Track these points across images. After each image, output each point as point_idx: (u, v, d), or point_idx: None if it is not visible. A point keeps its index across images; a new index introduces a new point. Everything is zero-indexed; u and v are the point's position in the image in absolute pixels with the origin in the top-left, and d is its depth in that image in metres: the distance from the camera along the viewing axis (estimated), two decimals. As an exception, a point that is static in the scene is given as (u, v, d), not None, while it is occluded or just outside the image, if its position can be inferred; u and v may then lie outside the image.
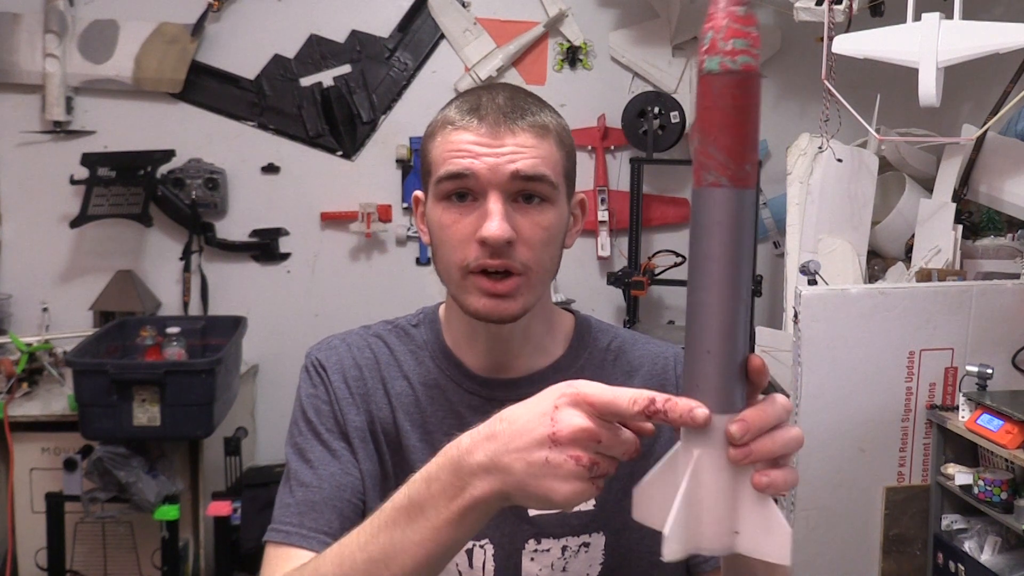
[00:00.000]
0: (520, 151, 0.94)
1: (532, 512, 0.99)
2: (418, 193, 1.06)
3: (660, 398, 0.68)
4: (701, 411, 0.67)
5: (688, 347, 0.69)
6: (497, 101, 0.97)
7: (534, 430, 0.71)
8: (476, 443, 0.74)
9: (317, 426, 1.01)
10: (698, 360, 0.68)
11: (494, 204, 0.93)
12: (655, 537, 0.78)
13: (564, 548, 1.00)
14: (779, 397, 0.71)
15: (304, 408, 1.03)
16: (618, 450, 0.72)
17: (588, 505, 1.00)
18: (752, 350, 0.71)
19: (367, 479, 0.99)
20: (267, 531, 0.99)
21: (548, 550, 0.99)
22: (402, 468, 0.99)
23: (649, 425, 0.72)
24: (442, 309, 1.10)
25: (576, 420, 0.70)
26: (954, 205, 2.71)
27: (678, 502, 0.68)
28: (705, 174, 0.66)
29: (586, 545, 1.00)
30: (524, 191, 0.95)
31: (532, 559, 0.99)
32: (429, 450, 0.98)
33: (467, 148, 0.94)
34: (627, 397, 0.69)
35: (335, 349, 1.06)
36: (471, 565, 0.99)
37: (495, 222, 0.92)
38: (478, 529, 0.76)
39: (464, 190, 0.95)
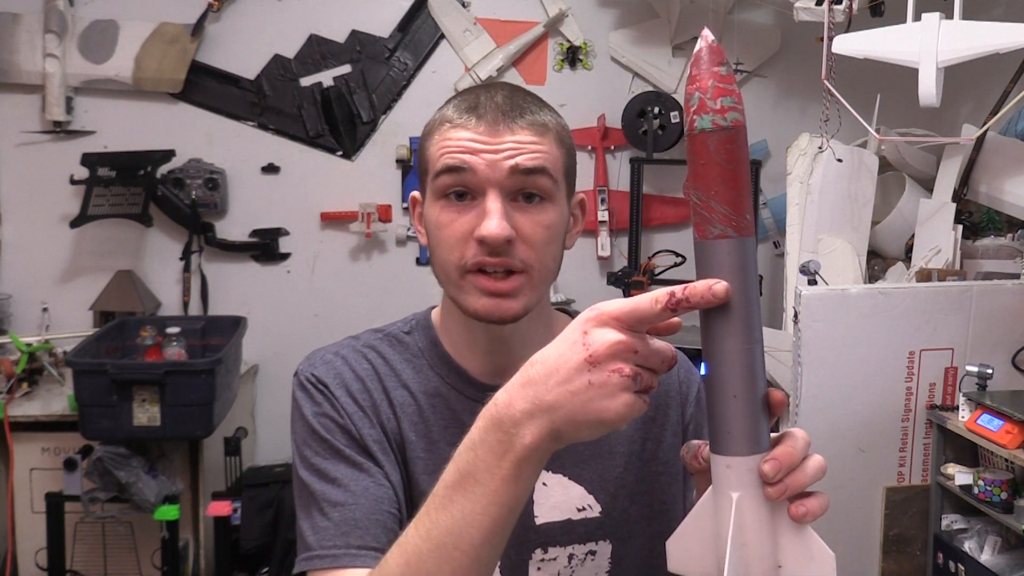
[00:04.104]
0: (519, 147, 0.92)
1: (539, 521, 0.98)
2: (415, 194, 1.03)
3: (678, 289, 0.68)
4: (719, 285, 0.68)
5: (712, 393, 0.71)
6: (496, 100, 0.95)
7: (569, 360, 0.70)
8: (513, 394, 0.73)
9: (333, 443, 0.94)
10: (726, 405, 0.70)
11: (492, 202, 0.91)
12: (660, 545, 0.78)
13: (571, 556, 0.99)
14: (799, 432, 0.73)
15: (313, 427, 0.95)
16: (655, 360, 0.71)
17: (594, 512, 1.00)
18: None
19: (397, 489, 0.94)
20: (302, 561, 0.91)
21: (555, 559, 0.98)
22: (409, 480, 0.96)
23: (676, 319, 0.72)
24: (435, 314, 1.06)
25: (608, 336, 0.69)
26: (954, 205, 2.71)
27: (730, 548, 0.70)
28: (710, 227, 0.69)
29: (592, 553, 0.99)
30: (524, 188, 0.93)
31: (539, 568, 0.98)
32: (434, 461, 0.96)
33: (465, 145, 0.92)
34: (649, 299, 0.69)
35: (330, 364, 0.99)
36: None
37: (494, 221, 0.90)
38: (535, 480, 0.75)
39: (462, 187, 0.93)
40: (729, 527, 0.70)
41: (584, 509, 1.00)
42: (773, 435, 0.73)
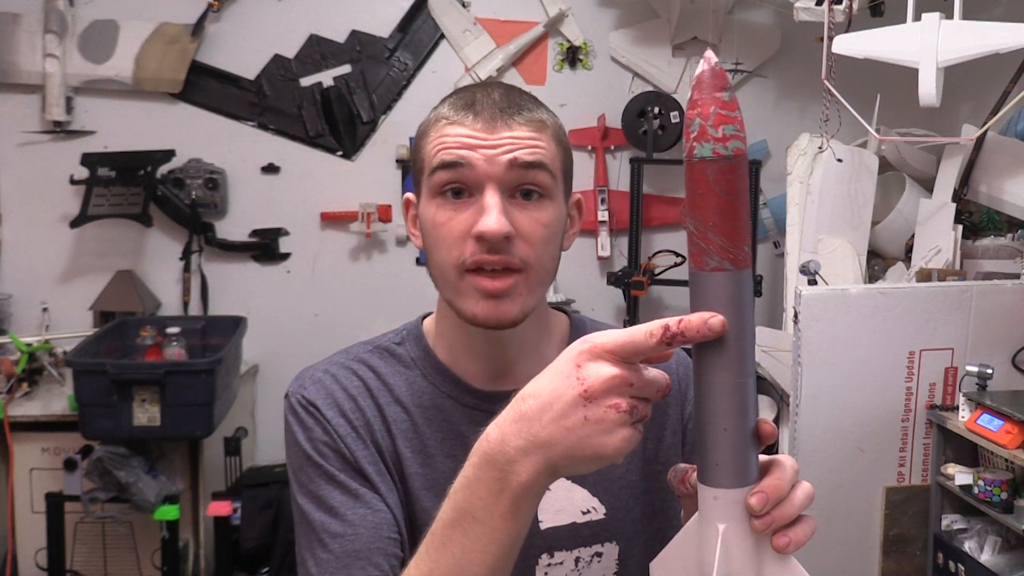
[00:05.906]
0: (517, 142, 0.91)
1: (544, 526, 0.97)
2: (409, 195, 1.00)
3: (672, 322, 0.67)
4: (715, 319, 0.66)
5: (703, 425, 0.70)
6: (492, 97, 0.93)
7: (564, 394, 0.69)
8: (506, 430, 0.72)
9: (327, 469, 0.93)
10: (716, 438, 0.69)
11: (491, 198, 0.89)
12: (660, 543, 0.78)
13: (577, 560, 0.98)
14: (786, 460, 0.72)
15: (307, 453, 0.94)
16: (650, 390, 0.70)
17: (599, 514, 0.99)
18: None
19: (395, 511, 0.93)
20: None
21: (561, 563, 0.98)
22: (408, 496, 0.95)
23: (670, 350, 0.71)
24: (427, 323, 1.04)
25: (604, 370, 0.68)
26: (954, 205, 2.71)
27: None
28: (707, 259, 0.67)
29: (599, 555, 0.99)
30: (522, 184, 0.91)
31: (546, 573, 0.98)
32: (431, 475, 0.95)
33: (462, 141, 0.91)
34: (643, 332, 0.68)
35: (320, 383, 0.98)
36: None
37: (492, 216, 0.88)
38: (533, 514, 0.75)
39: (459, 184, 0.91)
40: (715, 558, 0.70)
41: (589, 512, 0.99)
42: (762, 458, 0.72)
